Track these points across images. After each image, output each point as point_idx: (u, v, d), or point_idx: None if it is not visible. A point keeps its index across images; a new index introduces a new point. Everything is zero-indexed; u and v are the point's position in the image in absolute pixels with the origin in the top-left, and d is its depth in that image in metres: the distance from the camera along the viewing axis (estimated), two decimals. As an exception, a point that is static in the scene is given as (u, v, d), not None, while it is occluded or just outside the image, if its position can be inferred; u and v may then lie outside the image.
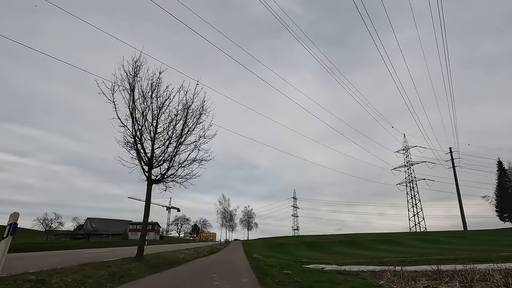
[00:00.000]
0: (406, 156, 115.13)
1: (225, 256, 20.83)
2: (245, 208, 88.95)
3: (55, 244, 32.10)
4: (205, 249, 24.77)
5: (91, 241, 63.74)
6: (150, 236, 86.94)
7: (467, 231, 66.92)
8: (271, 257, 25.55)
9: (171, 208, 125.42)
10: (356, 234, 76.45)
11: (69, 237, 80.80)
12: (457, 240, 51.34)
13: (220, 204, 62.65)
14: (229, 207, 64.47)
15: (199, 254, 18.99)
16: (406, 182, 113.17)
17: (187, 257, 15.88)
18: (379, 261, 22.11)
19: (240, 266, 12.69)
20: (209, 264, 13.34)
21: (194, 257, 16.61)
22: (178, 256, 14.99)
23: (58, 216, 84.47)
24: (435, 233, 68.52)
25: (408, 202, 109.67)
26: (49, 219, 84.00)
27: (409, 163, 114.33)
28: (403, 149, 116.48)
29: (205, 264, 13.24)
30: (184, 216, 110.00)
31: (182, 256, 15.26)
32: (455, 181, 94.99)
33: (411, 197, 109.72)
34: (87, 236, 79.71)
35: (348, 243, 53.85)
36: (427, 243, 49.99)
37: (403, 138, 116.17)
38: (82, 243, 39.95)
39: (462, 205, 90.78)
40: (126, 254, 13.66)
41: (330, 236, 70.56)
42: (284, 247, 49.47)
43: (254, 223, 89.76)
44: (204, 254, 20.47)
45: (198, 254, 18.77)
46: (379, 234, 71.86)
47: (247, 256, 22.20)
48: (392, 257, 28.81)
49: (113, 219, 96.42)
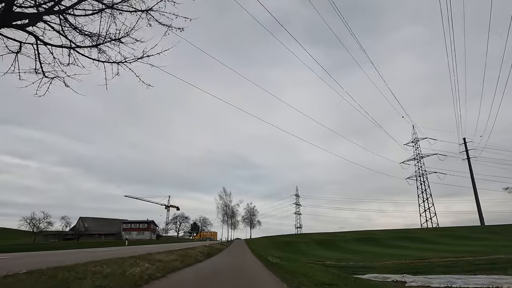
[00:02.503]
0: (416, 148, 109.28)
1: (228, 261, 14.71)
2: (247, 205, 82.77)
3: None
4: (200, 250, 17.92)
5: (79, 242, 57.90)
6: (146, 236, 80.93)
7: (497, 226, 61.07)
8: (288, 259, 19.52)
9: (170, 206, 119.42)
10: (369, 231, 70.48)
11: (58, 237, 74.79)
12: (491, 235, 45.38)
13: (221, 198, 56.16)
14: (230, 203, 58.10)
15: (185, 260, 11.67)
16: (416, 175, 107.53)
17: (156, 269, 7.89)
18: (439, 264, 16.18)
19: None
20: (198, 282, 7.35)
21: (172, 268, 9.13)
22: (131, 271, 6.65)
23: (47, 216, 78.53)
24: (461, 228, 62.57)
25: (418, 196, 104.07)
26: (37, 218, 78.13)
27: (419, 156, 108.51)
28: (412, 141, 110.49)
29: (188, 284, 7.12)
30: (183, 214, 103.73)
31: (144, 268, 7.28)
32: (470, 174, 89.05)
33: (421, 191, 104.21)
34: (77, 236, 73.71)
35: (365, 240, 47.85)
36: (457, 239, 44.03)
37: (412, 129, 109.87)
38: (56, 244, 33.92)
39: (478, 199, 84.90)
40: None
41: (338, 234, 64.52)
42: (294, 246, 43.49)
43: (257, 221, 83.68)
44: (195, 259, 13.51)
45: (183, 260, 11.33)
46: (394, 231, 65.90)
47: (260, 259, 16.18)
48: (439, 257, 22.87)
49: (107, 218, 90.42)
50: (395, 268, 14.97)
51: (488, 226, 67.49)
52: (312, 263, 17.27)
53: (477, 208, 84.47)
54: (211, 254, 18.59)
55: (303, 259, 22.31)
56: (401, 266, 16.83)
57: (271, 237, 71.20)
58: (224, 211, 55.83)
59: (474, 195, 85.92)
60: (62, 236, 76.57)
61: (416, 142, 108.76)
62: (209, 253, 18.80)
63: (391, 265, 16.76)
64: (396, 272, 12.93)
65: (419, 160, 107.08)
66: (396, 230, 68.33)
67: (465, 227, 65.53)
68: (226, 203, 56.19)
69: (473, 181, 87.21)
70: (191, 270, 9.78)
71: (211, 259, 15.73)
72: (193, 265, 11.64)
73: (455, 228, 66.46)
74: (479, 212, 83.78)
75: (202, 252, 17.83)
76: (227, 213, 56.20)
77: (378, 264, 17.47)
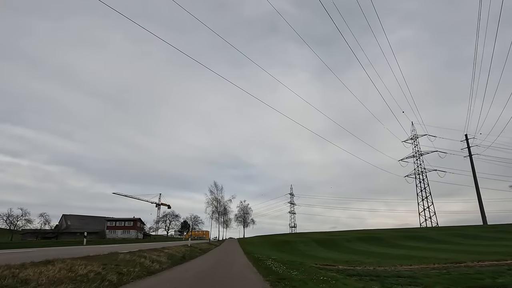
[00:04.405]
0: (415, 145, 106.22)
1: (206, 271, 10.20)
2: (240, 203, 78.21)
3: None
4: (171, 253, 13.51)
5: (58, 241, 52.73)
6: (132, 234, 75.78)
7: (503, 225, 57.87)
8: (292, 264, 15.18)
9: (161, 204, 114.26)
10: (369, 230, 66.74)
11: (36, 236, 69.20)
12: (507, 235, 41.84)
13: (212, 193, 51.29)
14: (222, 199, 53.27)
15: (121, 272, 6.79)
16: (415, 173, 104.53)
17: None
18: (488, 270, 12.06)
19: None
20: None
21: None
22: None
23: (26, 213, 72.79)
24: (465, 227, 59.16)
25: (417, 195, 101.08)
26: (14, 215, 72.41)
27: (418, 153, 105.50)
28: (411, 138, 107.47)
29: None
30: (173, 212, 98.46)
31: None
32: (473, 171, 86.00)
33: (420, 189, 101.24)
34: (56, 235, 68.29)
35: (368, 239, 43.92)
36: (470, 239, 40.36)
37: (411, 126, 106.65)
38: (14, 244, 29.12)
39: (480, 197, 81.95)
40: None
41: (335, 233, 60.52)
42: (292, 246, 39.24)
43: (250, 220, 79.23)
44: (146, 271, 8.29)
45: (120, 272, 6.56)
46: (395, 230, 62.30)
47: (256, 266, 11.77)
48: (472, 260, 18.81)
49: (91, 216, 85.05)
50: (443, 278, 10.80)
51: (494, 225, 64.36)
52: (325, 269, 13.01)
53: (479, 206, 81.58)
54: (185, 259, 13.54)
55: (308, 262, 18.06)
56: (443, 274, 12.66)
57: (265, 236, 66.97)
58: (214, 207, 50.96)
59: (477, 193, 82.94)
60: (41, 235, 71.01)
61: (415, 139, 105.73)
62: (184, 256, 14.01)
63: (433, 273, 12.65)
64: (455, 285, 8.84)
65: (418, 158, 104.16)
66: (398, 229, 64.79)
67: (469, 226, 62.26)
68: (217, 198, 51.33)
69: (475, 178, 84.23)
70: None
71: (182, 266, 10.92)
72: (127, 284, 6.45)
73: (458, 227, 63.12)
74: (481, 211, 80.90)
75: (172, 255, 12.99)
76: (218, 209, 51.41)
77: (414, 272, 13.32)
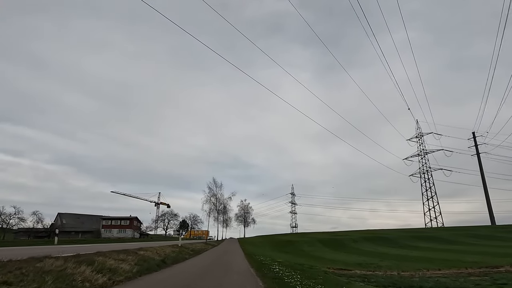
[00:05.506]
0: (420, 144, 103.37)
1: (192, 279, 7.49)
2: (241, 202, 75.60)
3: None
4: (141, 257, 10.19)
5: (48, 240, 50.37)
6: (128, 234, 73.28)
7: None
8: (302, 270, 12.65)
9: (160, 203, 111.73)
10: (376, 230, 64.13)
11: (28, 235, 66.78)
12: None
13: (210, 190, 48.83)
14: (222, 196, 50.78)
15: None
16: (420, 172, 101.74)
17: None
18: None
19: None
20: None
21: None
22: None
23: (19, 211, 70.38)
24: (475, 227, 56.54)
25: (422, 194, 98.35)
26: (6, 213, 69.99)
27: (423, 152, 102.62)
28: (416, 137, 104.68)
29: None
30: (171, 211, 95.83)
31: None
32: (480, 170, 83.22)
33: (425, 189, 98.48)
34: (49, 234, 65.81)
35: (376, 240, 41.39)
36: (487, 239, 37.80)
37: (416, 124, 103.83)
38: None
39: (489, 196, 79.26)
40: None
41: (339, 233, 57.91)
42: (295, 246, 36.72)
43: (251, 219, 76.63)
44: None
45: None
46: (403, 230, 59.65)
47: (261, 276, 9.05)
48: (509, 264, 16.27)
49: (87, 215, 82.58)
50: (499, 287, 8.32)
51: (505, 225, 61.64)
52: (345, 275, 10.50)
53: (487, 206, 78.92)
54: (164, 264, 10.35)
55: (317, 265, 15.57)
56: (488, 281, 10.13)
57: (266, 236, 64.40)
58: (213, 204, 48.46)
59: (485, 193, 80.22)
60: (34, 234, 68.60)
61: (420, 137, 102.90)
62: (164, 261, 10.89)
63: (476, 280, 10.16)
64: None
65: (423, 156, 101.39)
66: (404, 229, 62.16)
67: (479, 227, 59.62)
68: (216, 195, 48.81)
69: (483, 178, 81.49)
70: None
71: (153, 276, 7.51)
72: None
73: (467, 227, 60.42)
74: (489, 211, 78.22)
75: (146, 259, 9.55)
76: (217, 207, 48.93)
77: (452, 279, 10.85)
